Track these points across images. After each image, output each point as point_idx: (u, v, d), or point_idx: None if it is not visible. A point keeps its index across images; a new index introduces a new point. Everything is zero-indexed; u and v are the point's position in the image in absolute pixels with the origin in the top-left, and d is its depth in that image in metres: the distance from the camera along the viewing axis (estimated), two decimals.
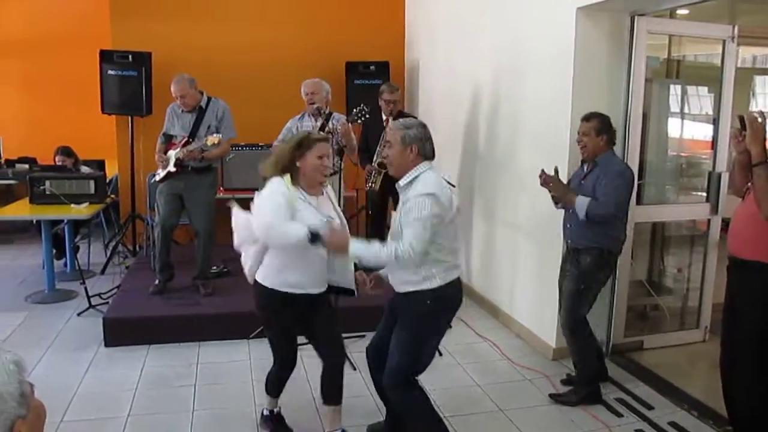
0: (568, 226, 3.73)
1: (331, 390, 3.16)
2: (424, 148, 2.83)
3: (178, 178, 4.84)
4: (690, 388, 3.82)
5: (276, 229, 2.82)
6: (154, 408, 3.57)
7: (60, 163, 6.18)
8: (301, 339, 3.29)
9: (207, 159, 4.82)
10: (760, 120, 2.73)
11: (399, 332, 2.90)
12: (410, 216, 2.69)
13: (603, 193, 3.49)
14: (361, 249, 2.75)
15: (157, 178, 4.95)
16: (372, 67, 6.75)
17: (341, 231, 2.83)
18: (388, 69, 6.77)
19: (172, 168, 4.80)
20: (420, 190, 2.73)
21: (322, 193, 3.03)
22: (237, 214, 3.10)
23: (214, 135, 4.63)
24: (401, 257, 2.67)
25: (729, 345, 3.05)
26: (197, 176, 4.87)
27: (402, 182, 2.85)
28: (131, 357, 4.21)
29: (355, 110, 4.50)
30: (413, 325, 2.87)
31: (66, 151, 6.26)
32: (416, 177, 2.80)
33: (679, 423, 3.48)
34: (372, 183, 5.41)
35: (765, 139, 2.73)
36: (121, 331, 4.42)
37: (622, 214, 3.66)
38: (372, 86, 5.92)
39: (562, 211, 3.80)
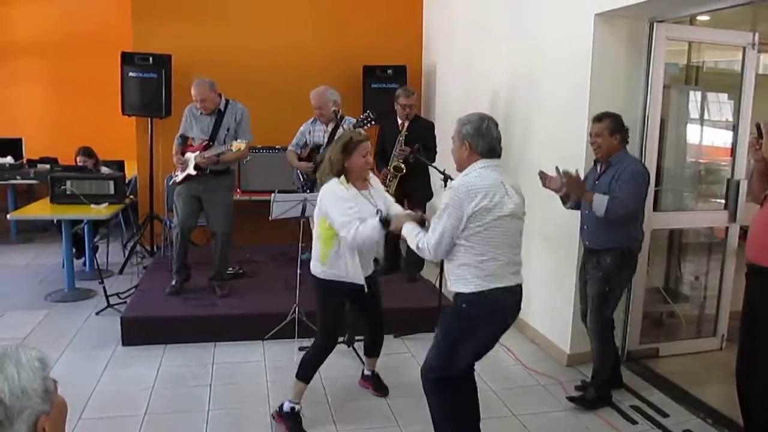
0: (585, 227, 3.72)
1: (372, 348, 3.75)
2: (477, 145, 2.75)
3: (197, 181, 4.89)
4: (706, 396, 3.79)
5: (360, 233, 3.10)
6: (170, 407, 3.61)
7: (81, 164, 6.27)
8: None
9: (223, 162, 4.86)
10: None
11: (437, 329, 2.93)
12: (440, 209, 2.73)
13: (622, 192, 3.47)
14: (406, 230, 2.94)
15: (176, 180, 5.01)
16: (389, 71, 6.77)
17: (400, 214, 3.17)
18: (406, 73, 6.79)
19: (192, 171, 4.85)
20: (453, 184, 2.74)
21: (370, 186, 3.37)
22: None
23: (239, 141, 4.68)
24: (421, 248, 2.79)
25: (746, 352, 3.03)
26: (215, 179, 4.92)
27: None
28: (148, 356, 4.26)
29: (361, 116, 4.61)
30: (446, 324, 2.88)
31: (87, 152, 6.34)
32: (466, 175, 2.77)
33: (693, 431, 3.46)
34: (387, 187, 5.41)
35: None
36: (139, 331, 4.47)
37: (640, 213, 3.65)
38: (389, 90, 5.94)
39: (578, 213, 3.80)
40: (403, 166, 5.29)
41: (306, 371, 3.43)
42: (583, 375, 4.07)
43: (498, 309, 2.79)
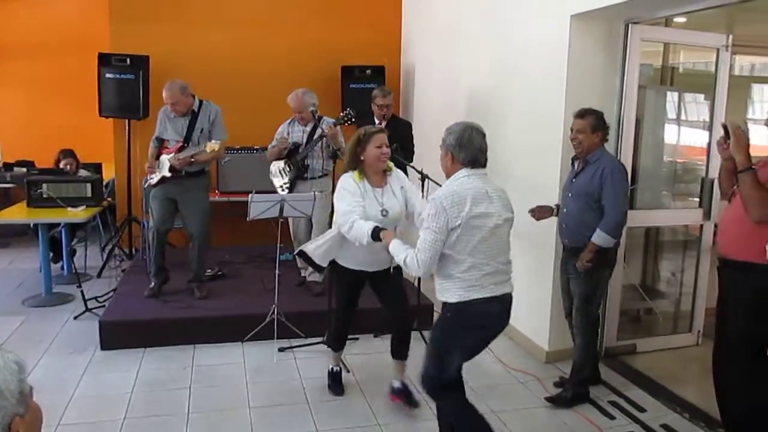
0: (564, 226, 3.76)
1: (398, 349, 3.64)
2: (458, 156, 2.75)
3: (172, 183, 4.86)
4: (682, 391, 3.85)
5: (354, 229, 3.18)
6: (150, 411, 3.59)
7: (64, 166, 6.21)
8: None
9: (198, 163, 4.83)
10: (742, 129, 2.79)
11: (429, 338, 2.97)
12: (425, 222, 2.72)
13: (610, 203, 3.51)
14: (393, 247, 2.94)
15: (152, 182, 4.97)
16: (368, 71, 6.78)
17: (388, 232, 3.11)
18: (384, 73, 6.81)
19: (166, 173, 4.83)
20: (436, 194, 2.73)
21: (386, 184, 3.41)
22: None
23: (213, 142, 4.66)
24: (409, 264, 2.78)
25: (720, 345, 3.09)
26: (191, 180, 4.89)
27: None
28: (127, 360, 4.23)
29: (342, 114, 4.62)
30: (435, 334, 2.91)
31: (71, 154, 6.30)
32: (448, 184, 2.78)
33: (671, 425, 3.52)
34: None
35: (748, 147, 2.79)
36: (117, 334, 4.43)
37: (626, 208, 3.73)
38: (367, 90, 5.93)
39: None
40: None
41: (332, 344, 3.86)
42: (562, 372, 4.11)
43: (481, 319, 2.77)
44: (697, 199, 4.71)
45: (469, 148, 2.74)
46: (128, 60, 6.29)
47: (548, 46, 4.23)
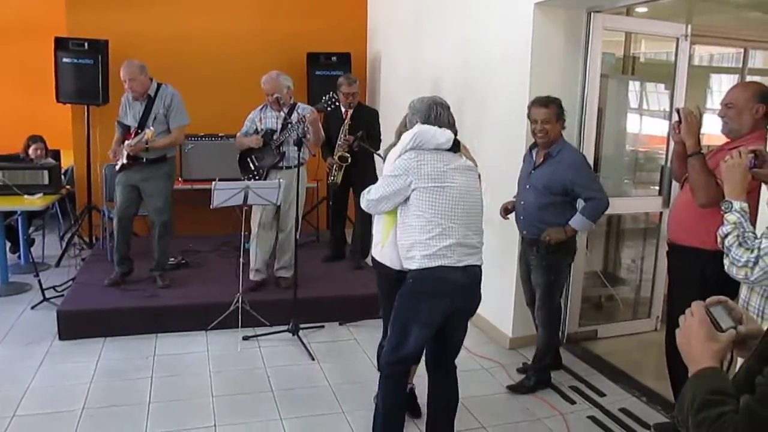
0: (522, 218, 3.76)
1: None
2: (411, 123, 2.88)
3: (134, 170, 4.76)
4: (641, 376, 3.94)
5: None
6: (109, 401, 3.53)
7: (34, 152, 6.07)
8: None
9: (155, 149, 4.72)
10: (695, 113, 2.86)
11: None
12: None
13: (593, 190, 3.52)
14: None
15: (117, 167, 4.87)
16: (334, 58, 6.73)
17: None
18: (350, 60, 6.77)
19: (125, 160, 4.72)
20: (404, 156, 2.77)
21: None
22: None
23: (148, 129, 4.57)
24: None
25: (671, 329, 3.16)
26: (152, 167, 4.79)
27: None
28: (86, 350, 4.15)
29: (324, 98, 4.44)
30: (397, 303, 2.85)
31: (41, 139, 6.17)
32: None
33: (629, 409, 3.59)
34: (333, 177, 5.40)
35: (699, 132, 2.85)
36: (76, 324, 4.35)
37: (575, 201, 3.73)
38: (333, 77, 5.90)
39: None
40: (348, 155, 5.26)
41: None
42: (525, 358, 4.16)
43: (442, 284, 2.73)
44: (657, 188, 4.80)
45: (421, 114, 2.82)
46: (86, 44, 6.12)
47: (512, 34, 4.25)
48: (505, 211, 3.86)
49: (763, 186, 2.58)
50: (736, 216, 2.09)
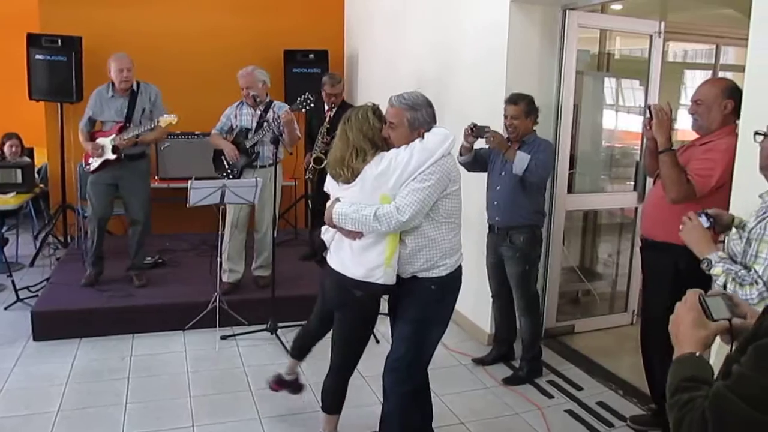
0: (495, 203, 3.79)
1: None
2: (418, 123, 2.63)
3: (115, 167, 4.68)
4: (617, 369, 3.99)
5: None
6: (85, 402, 3.49)
7: (10, 150, 5.97)
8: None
9: (142, 143, 4.68)
10: (666, 110, 2.89)
11: (401, 324, 2.82)
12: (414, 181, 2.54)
13: (540, 159, 3.57)
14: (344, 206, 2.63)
15: (91, 168, 4.75)
16: (311, 56, 6.70)
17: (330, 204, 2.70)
18: (327, 58, 6.74)
19: (110, 155, 4.63)
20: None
21: None
22: None
23: (169, 116, 4.53)
24: (381, 215, 2.53)
25: (646, 323, 3.23)
26: (132, 164, 4.74)
27: None
28: (61, 351, 4.10)
29: (300, 98, 4.39)
30: (418, 315, 2.76)
31: (16, 137, 6.05)
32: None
33: (606, 402, 3.63)
34: (310, 174, 5.43)
35: (670, 128, 2.89)
36: (51, 325, 4.29)
37: (544, 189, 3.85)
38: (311, 75, 5.89)
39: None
40: (323, 157, 5.24)
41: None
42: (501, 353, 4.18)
43: (459, 281, 2.80)
44: (632, 183, 4.86)
45: (435, 122, 2.74)
46: (59, 41, 6.03)
47: (489, 31, 4.26)
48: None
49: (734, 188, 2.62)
50: (719, 267, 2.08)
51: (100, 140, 4.69)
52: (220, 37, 6.62)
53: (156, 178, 6.20)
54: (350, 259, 2.68)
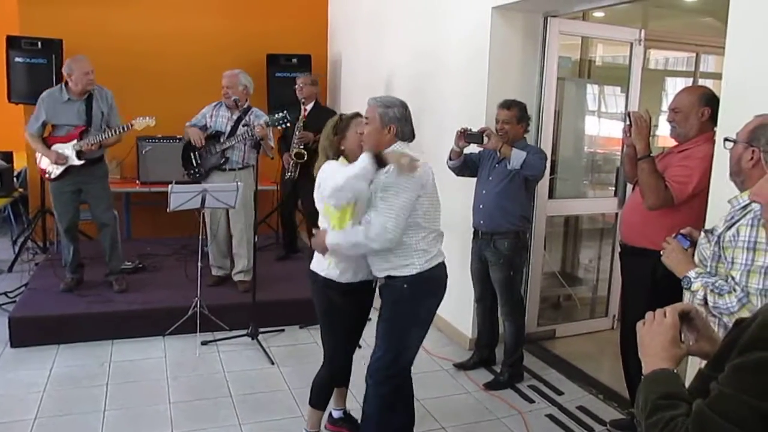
0: (481, 207, 3.80)
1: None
2: (402, 131, 2.74)
3: (76, 173, 4.60)
4: (597, 374, 4.01)
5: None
6: (63, 409, 3.44)
7: None
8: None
9: (105, 146, 4.65)
10: (645, 117, 2.92)
11: (380, 324, 2.86)
12: (380, 193, 2.61)
13: (534, 158, 3.60)
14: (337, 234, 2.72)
15: (53, 175, 4.63)
16: (294, 60, 6.68)
17: (319, 233, 2.81)
18: (311, 62, 6.72)
19: (77, 162, 4.55)
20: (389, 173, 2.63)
21: None
22: None
23: (145, 120, 4.51)
24: (373, 237, 2.60)
25: (625, 327, 3.26)
26: (94, 168, 4.68)
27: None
28: (39, 357, 4.05)
29: (278, 114, 4.40)
30: (388, 314, 2.81)
31: None
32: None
33: (586, 406, 3.65)
34: (291, 173, 5.46)
35: (649, 135, 2.92)
36: (29, 331, 4.23)
37: (533, 194, 3.89)
38: (294, 79, 5.86)
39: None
40: (304, 152, 5.31)
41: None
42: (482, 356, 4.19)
43: (440, 283, 2.86)
44: (613, 189, 4.90)
45: (410, 123, 2.80)
46: (40, 43, 5.97)
47: (471, 37, 4.28)
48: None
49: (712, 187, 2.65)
50: (698, 283, 2.10)
51: (59, 147, 4.56)
52: (203, 41, 6.59)
53: (137, 182, 6.16)
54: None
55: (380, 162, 2.55)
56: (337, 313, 2.95)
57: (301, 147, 5.36)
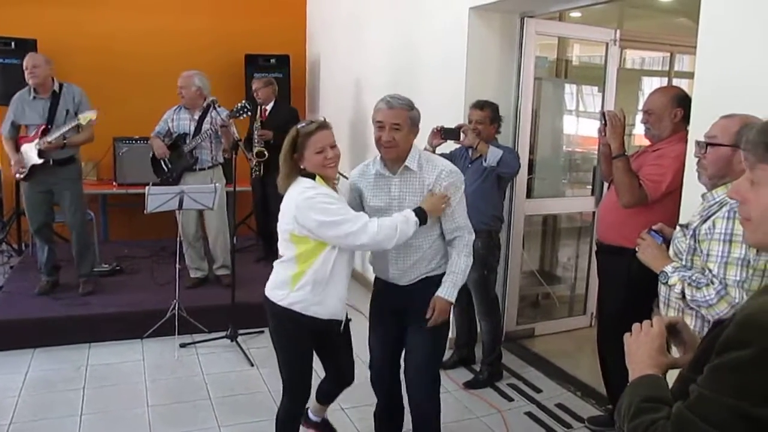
0: None
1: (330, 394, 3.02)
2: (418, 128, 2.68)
3: (43, 172, 4.55)
4: (576, 371, 4.05)
5: (387, 227, 2.44)
6: (38, 414, 3.40)
7: None
8: None
9: (70, 145, 4.56)
10: (619, 116, 2.96)
11: (425, 332, 2.66)
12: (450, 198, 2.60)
13: (510, 156, 3.65)
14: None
15: (20, 176, 4.59)
16: (272, 60, 6.67)
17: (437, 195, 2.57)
18: (289, 62, 6.72)
19: (36, 160, 4.49)
20: (449, 167, 2.65)
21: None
22: None
23: (89, 112, 4.43)
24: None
25: (601, 325, 3.30)
26: (62, 169, 4.61)
27: (411, 164, 2.60)
28: (14, 362, 3.99)
29: (237, 106, 4.49)
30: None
31: None
32: (421, 157, 2.63)
33: (564, 404, 3.68)
34: (256, 171, 5.50)
35: (623, 134, 2.96)
36: (3, 335, 4.17)
37: (504, 193, 3.90)
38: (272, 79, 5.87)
39: None
40: (264, 150, 5.34)
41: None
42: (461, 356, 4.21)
43: None
44: (591, 187, 4.94)
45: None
46: (13, 44, 5.89)
47: (448, 37, 4.30)
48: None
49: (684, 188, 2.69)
50: (675, 277, 2.12)
51: (25, 147, 4.53)
52: (180, 41, 6.54)
53: (114, 183, 6.10)
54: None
55: (424, 220, 2.50)
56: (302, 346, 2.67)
57: (262, 145, 5.41)
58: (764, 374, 1.00)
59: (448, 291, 2.63)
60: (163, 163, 4.87)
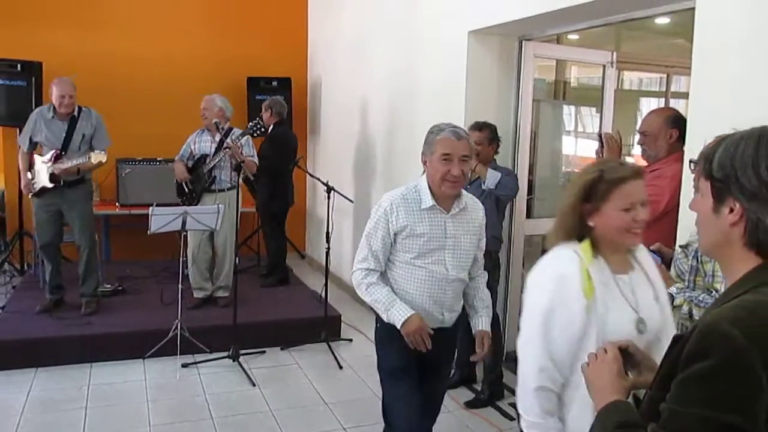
0: None
1: None
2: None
3: (54, 194, 4.61)
4: None
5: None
6: None
7: None
8: None
9: (83, 171, 4.64)
10: (616, 138, 3.01)
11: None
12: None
13: (508, 179, 3.70)
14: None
15: (32, 193, 4.67)
16: (274, 83, 6.75)
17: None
18: (290, 85, 6.80)
19: (47, 183, 4.56)
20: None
21: (634, 268, 1.83)
22: None
23: (99, 152, 4.48)
24: None
25: None
26: (73, 190, 4.66)
27: (468, 200, 2.61)
28: (17, 381, 3.99)
29: (250, 124, 4.58)
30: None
31: None
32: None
33: None
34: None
35: (620, 155, 3.01)
36: (5, 355, 4.18)
37: (503, 214, 3.94)
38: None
39: None
40: (250, 176, 5.30)
41: None
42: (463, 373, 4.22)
43: None
44: None
45: None
46: (19, 66, 5.98)
47: (448, 61, 4.37)
48: None
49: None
50: (681, 298, 2.12)
51: (38, 165, 4.61)
52: (183, 64, 6.63)
53: (117, 204, 6.15)
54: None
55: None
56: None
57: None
58: (730, 381, 1.02)
59: (488, 324, 2.63)
60: (185, 185, 4.95)
